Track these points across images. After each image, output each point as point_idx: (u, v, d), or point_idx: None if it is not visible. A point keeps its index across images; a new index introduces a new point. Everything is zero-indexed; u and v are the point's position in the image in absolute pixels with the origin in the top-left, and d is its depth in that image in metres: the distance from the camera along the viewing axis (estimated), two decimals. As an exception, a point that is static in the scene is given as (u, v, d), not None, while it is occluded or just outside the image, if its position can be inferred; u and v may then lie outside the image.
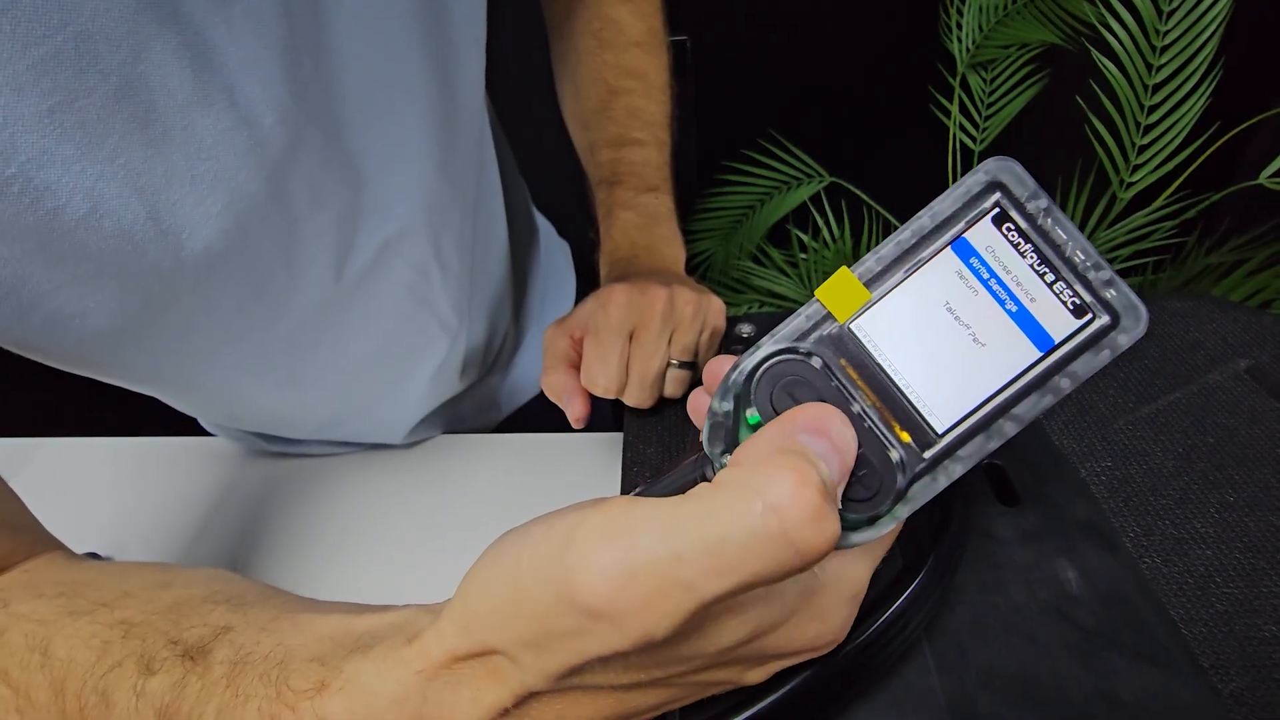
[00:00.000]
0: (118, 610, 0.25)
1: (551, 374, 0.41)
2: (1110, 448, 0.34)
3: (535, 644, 0.16)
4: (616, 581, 0.15)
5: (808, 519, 0.14)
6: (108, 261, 0.28)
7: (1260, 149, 0.95)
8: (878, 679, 0.23)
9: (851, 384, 0.17)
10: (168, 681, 0.22)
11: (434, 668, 0.18)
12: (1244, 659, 0.25)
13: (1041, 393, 0.17)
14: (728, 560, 0.15)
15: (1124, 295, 0.16)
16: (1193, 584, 0.28)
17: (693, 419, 0.25)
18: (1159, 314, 0.42)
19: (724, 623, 0.17)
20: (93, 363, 0.33)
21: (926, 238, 0.17)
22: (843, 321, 0.18)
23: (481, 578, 0.18)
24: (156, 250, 0.28)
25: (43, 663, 0.24)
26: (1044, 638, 0.24)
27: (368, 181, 0.36)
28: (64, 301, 0.28)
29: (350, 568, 0.44)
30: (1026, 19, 0.97)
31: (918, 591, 0.21)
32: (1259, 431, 0.34)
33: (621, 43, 0.53)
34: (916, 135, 1.15)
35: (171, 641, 0.23)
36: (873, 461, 0.17)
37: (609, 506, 0.16)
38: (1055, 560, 0.27)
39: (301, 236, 0.34)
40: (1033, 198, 0.17)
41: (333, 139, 0.33)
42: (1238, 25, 0.87)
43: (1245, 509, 0.30)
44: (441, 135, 0.37)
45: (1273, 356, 0.38)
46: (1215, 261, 1.00)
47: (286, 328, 0.38)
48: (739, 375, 0.18)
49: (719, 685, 0.20)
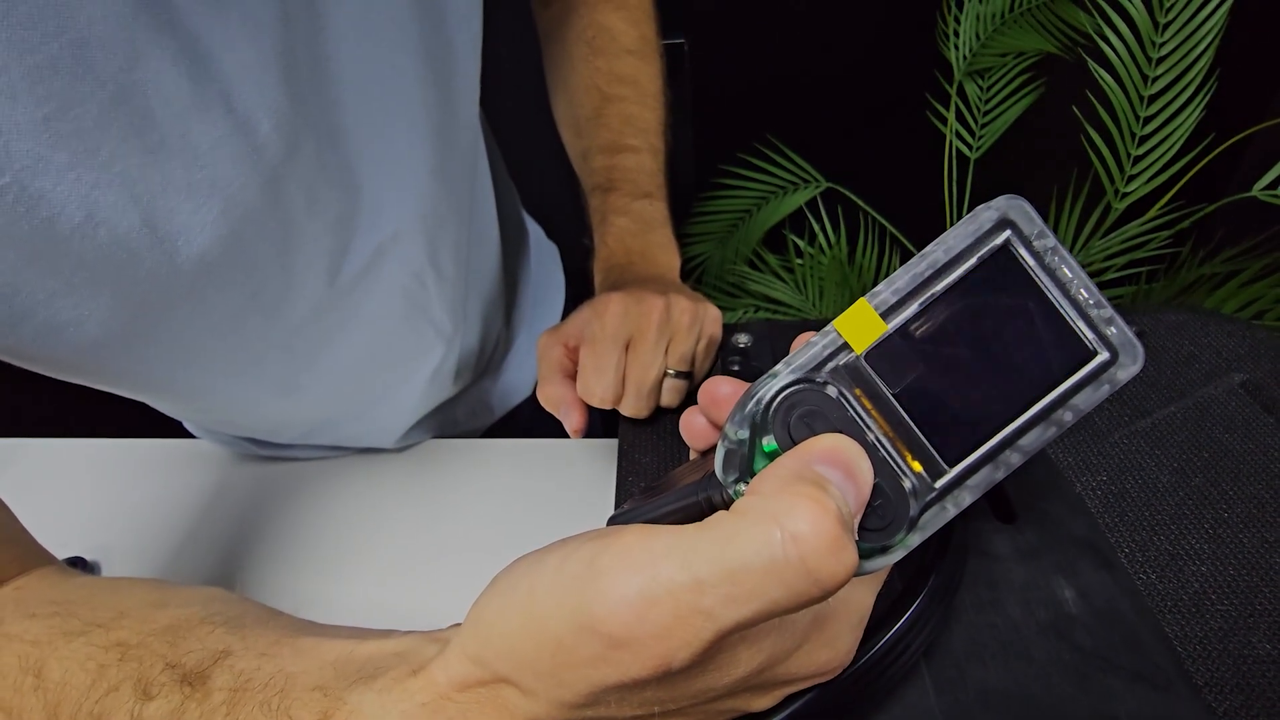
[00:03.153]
0: (113, 631, 0.24)
1: (547, 385, 0.41)
2: (1106, 462, 0.34)
3: (550, 674, 0.16)
4: (637, 609, 0.15)
5: (827, 549, 0.14)
6: (103, 269, 0.27)
7: (1254, 161, 0.96)
8: (877, 702, 0.23)
9: (866, 414, 0.18)
10: (166, 708, 0.21)
11: (440, 699, 0.18)
12: (1238, 677, 0.25)
13: (1046, 425, 0.17)
14: (747, 589, 0.15)
15: (1123, 333, 0.17)
16: (1187, 601, 0.28)
17: (685, 438, 0.25)
18: (1154, 327, 0.42)
19: (739, 654, 0.17)
20: (86, 371, 0.33)
21: (940, 271, 0.18)
22: (859, 352, 0.18)
23: (494, 606, 0.18)
24: (152, 257, 0.28)
25: (36, 685, 0.23)
26: (1041, 658, 0.24)
27: (364, 186, 0.35)
28: (58, 310, 0.28)
29: (340, 573, 0.44)
30: (1023, 28, 0.97)
31: (917, 614, 0.21)
32: (1253, 446, 0.34)
33: (614, 50, 0.53)
34: (913, 142, 1.16)
35: (169, 665, 0.23)
36: (886, 491, 0.17)
37: (627, 535, 0.16)
38: (1052, 578, 0.27)
39: (297, 242, 0.34)
40: (1040, 236, 0.17)
41: (328, 144, 0.33)
42: (1233, 38, 0.88)
43: (1240, 525, 0.30)
44: (438, 140, 0.37)
45: (1268, 371, 0.38)
46: (1209, 272, 1.00)
47: (281, 333, 0.37)
48: (756, 404, 0.18)
49: (726, 714, 0.19)
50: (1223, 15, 0.85)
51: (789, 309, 1.16)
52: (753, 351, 0.44)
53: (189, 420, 0.52)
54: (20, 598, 0.27)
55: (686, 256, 1.21)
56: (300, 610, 0.27)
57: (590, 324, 0.39)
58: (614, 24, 0.53)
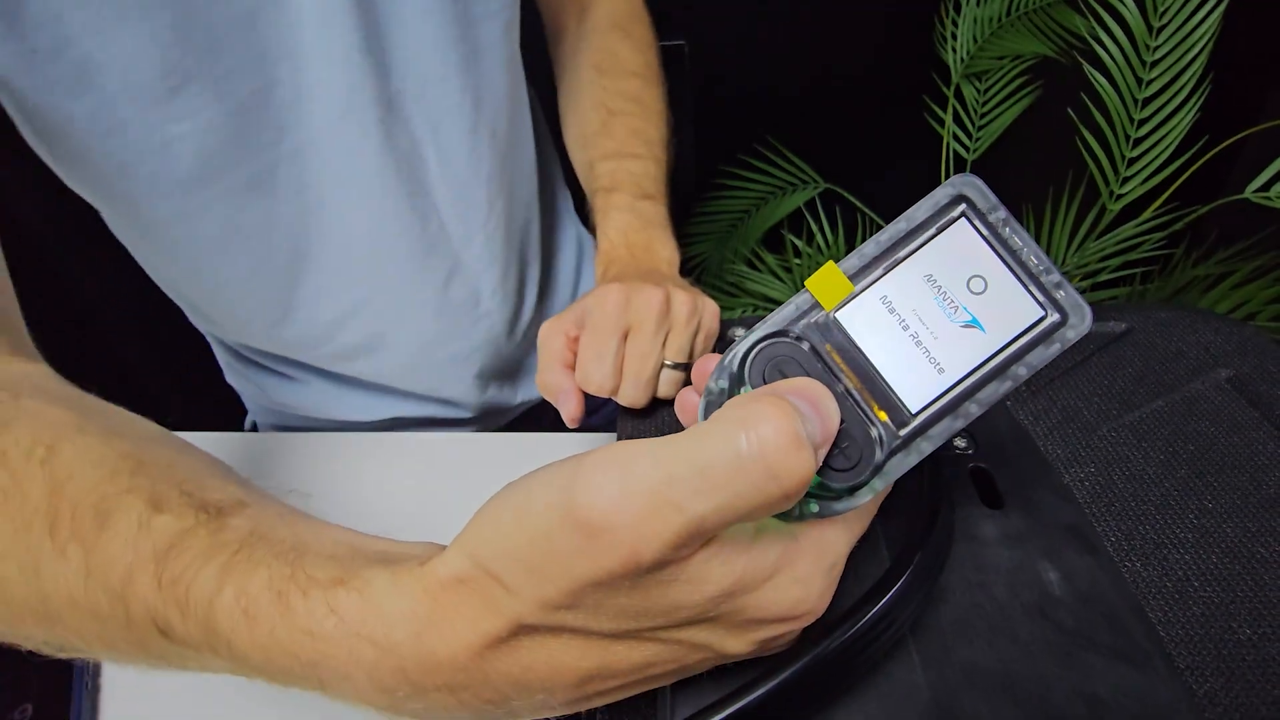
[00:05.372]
0: (129, 443, 0.24)
1: (546, 373, 0.42)
2: (1094, 454, 0.35)
3: (536, 568, 0.17)
4: (614, 499, 0.16)
5: (786, 447, 0.16)
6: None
7: (1247, 163, 0.96)
8: (865, 675, 0.23)
9: (836, 367, 0.19)
10: (176, 525, 0.21)
11: (438, 589, 0.19)
12: (1219, 660, 0.26)
13: (1001, 380, 0.19)
14: (713, 482, 0.16)
15: (1071, 296, 0.19)
16: (1171, 587, 0.28)
17: (680, 418, 0.26)
18: (1143, 324, 0.43)
19: (710, 568, 0.18)
20: (172, 216, 0.40)
21: (902, 240, 0.19)
22: (829, 310, 0.20)
23: (492, 507, 0.19)
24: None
25: (46, 459, 0.22)
26: (1025, 637, 0.25)
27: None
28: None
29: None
30: (1020, 31, 0.98)
31: (904, 589, 0.21)
32: (1238, 439, 0.35)
33: (620, 71, 0.56)
34: (911, 144, 1.16)
35: (185, 492, 0.22)
36: (854, 436, 0.19)
37: (614, 444, 0.18)
38: (1038, 562, 0.28)
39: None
40: (993, 209, 0.19)
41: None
42: (1226, 41, 0.89)
43: (1223, 515, 0.31)
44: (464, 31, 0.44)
45: (1254, 366, 0.39)
46: (1202, 273, 1.01)
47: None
48: (734, 357, 0.20)
49: (702, 651, 0.20)
50: (1216, 19, 0.86)
51: (787, 309, 1.16)
52: (749, 346, 0.45)
53: (226, 330, 0.54)
54: (36, 385, 0.26)
55: (686, 256, 1.21)
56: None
57: (591, 313, 0.40)
58: (620, 50, 0.57)
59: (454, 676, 0.19)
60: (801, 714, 0.23)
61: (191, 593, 0.20)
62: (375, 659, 0.19)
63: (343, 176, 0.44)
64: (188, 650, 0.21)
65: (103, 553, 0.21)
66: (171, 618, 0.20)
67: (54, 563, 0.21)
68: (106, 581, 0.21)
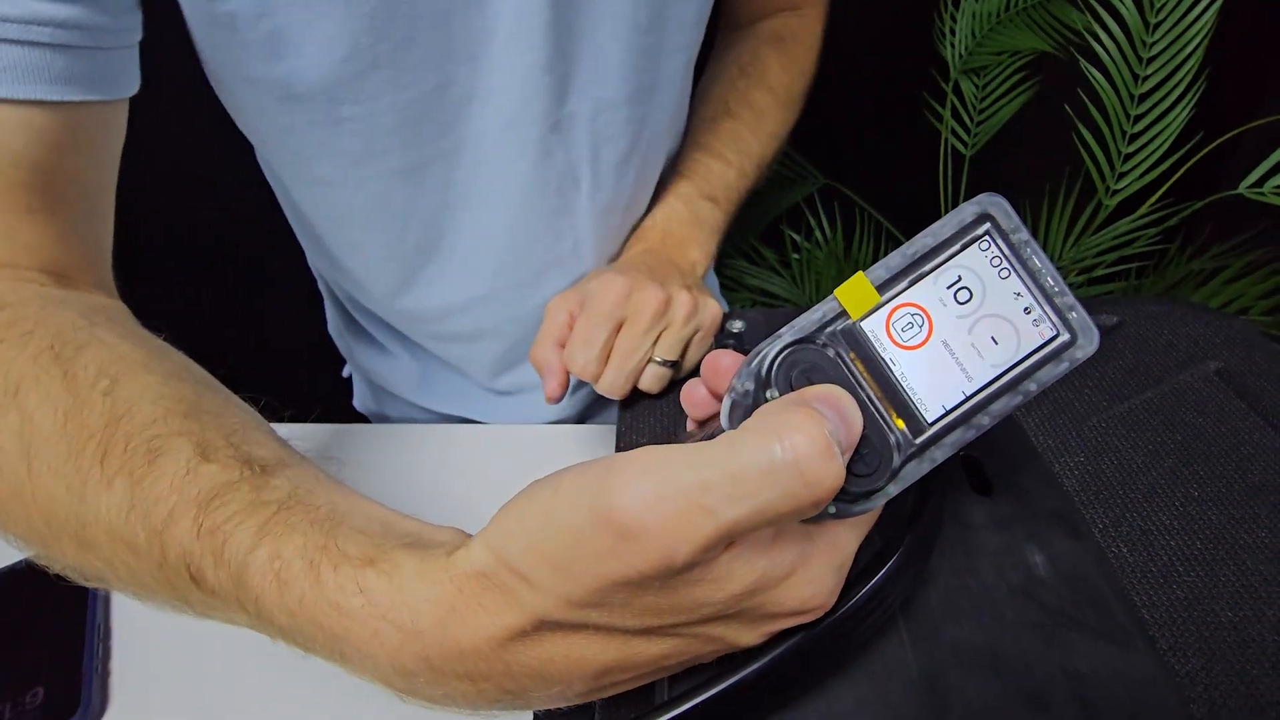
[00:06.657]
0: (188, 387, 0.24)
1: (539, 347, 0.43)
2: (1084, 444, 0.36)
3: (564, 566, 0.18)
4: (648, 502, 0.17)
5: (819, 455, 0.17)
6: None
7: (1242, 159, 0.97)
8: (855, 652, 0.24)
9: (858, 374, 0.20)
10: (222, 476, 0.22)
11: (462, 580, 0.19)
12: (1201, 642, 0.27)
13: (1013, 394, 0.20)
14: (747, 489, 0.16)
15: (1082, 318, 0.20)
16: (1156, 572, 0.29)
17: (685, 407, 0.27)
18: (1135, 316, 0.44)
19: (734, 568, 0.18)
20: (325, 178, 0.40)
21: (927, 255, 0.20)
22: (855, 319, 0.20)
23: (519, 504, 0.19)
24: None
25: (109, 390, 0.23)
26: (1011, 616, 0.26)
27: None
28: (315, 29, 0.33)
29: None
30: (1019, 27, 0.98)
31: (894, 570, 0.22)
32: (1225, 430, 0.36)
33: (758, 80, 0.56)
34: (909, 139, 1.17)
35: (232, 444, 0.23)
36: (874, 441, 0.20)
37: (645, 448, 0.18)
38: (1024, 545, 0.29)
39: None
40: (1015, 230, 0.20)
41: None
42: (1222, 38, 0.89)
43: (1208, 502, 0.32)
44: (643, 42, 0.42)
45: (1242, 358, 0.40)
46: (1196, 268, 1.02)
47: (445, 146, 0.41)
48: (762, 360, 0.20)
49: (715, 644, 0.21)
50: (1212, 16, 0.87)
51: (785, 303, 1.17)
52: (746, 337, 0.45)
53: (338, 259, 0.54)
54: (113, 321, 0.27)
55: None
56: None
57: (591, 298, 0.41)
58: (769, 61, 0.57)
59: (475, 666, 0.19)
60: (794, 690, 0.23)
61: (228, 546, 0.21)
62: (399, 643, 0.19)
63: (492, 182, 0.43)
64: (214, 600, 0.21)
65: (148, 491, 0.21)
66: (205, 566, 0.21)
67: (99, 491, 0.22)
68: (147, 519, 0.21)
